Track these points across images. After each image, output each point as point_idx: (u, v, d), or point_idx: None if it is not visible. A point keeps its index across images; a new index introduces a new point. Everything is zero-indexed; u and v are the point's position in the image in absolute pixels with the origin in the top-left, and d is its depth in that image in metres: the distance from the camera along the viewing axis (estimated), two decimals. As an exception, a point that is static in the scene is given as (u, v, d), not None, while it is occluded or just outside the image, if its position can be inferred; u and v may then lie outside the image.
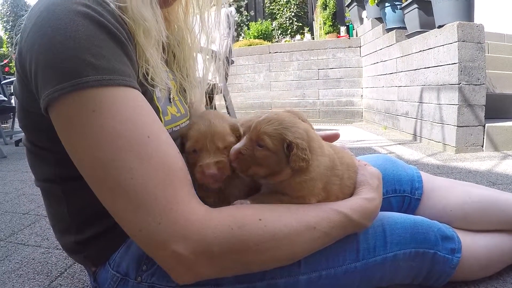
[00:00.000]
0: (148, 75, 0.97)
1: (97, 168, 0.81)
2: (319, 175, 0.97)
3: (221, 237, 0.82)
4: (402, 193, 1.38)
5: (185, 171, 0.89)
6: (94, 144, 0.80)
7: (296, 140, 0.91)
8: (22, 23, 0.92)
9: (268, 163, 0.91)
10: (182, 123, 1.19)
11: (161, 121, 1.03)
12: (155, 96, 1.03)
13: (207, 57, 1.31)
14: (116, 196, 0.81)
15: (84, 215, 1.03)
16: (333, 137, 1.18)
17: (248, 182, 1.04)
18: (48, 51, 0.80)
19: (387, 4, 5.93)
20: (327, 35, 9.33)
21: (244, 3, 12.38)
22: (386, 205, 1.34)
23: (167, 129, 1.06)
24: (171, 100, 1.15)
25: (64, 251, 1.32)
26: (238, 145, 0.93)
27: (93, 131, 0.80)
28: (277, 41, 10.72)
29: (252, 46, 9.24)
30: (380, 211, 1.11)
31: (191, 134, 0.97)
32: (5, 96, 6.98)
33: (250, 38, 10.64)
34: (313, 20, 11.12)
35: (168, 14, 1.24)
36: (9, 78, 8.01)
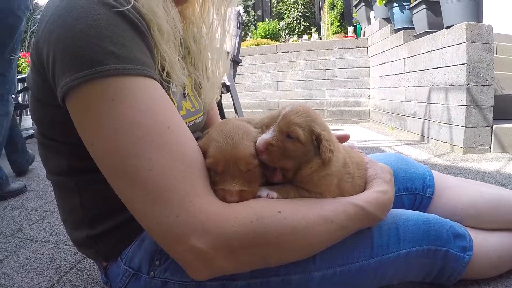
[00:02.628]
0: (164, 71, 0.96)
1: (115, 158, 0.80)
2: (337, 170, 0.97)
3: (241, 230, 0.81)
4: (414, 191, 1.38)
5: (203, 164, 0.88)
6: (113, 133, 0.79)
7: (322, 131, 0.90)
8: (36, 16, 0.92)
9: (297, 155, 0.89)
10: (196, 118, 1.19)
11: None
12: (170, 91, 1.02)
13: (221, 54, 1.30)
14: (134, 187, 0.80)
15: (97, 209, 1.03)
16: (343, 138, 1.18)
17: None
18: (67, 39, 0.79)
19: (395, 5, 5.92)
20: (335, 35, 9.33)
21: (252, 2, 12.38)
22: (398, 203, 1.34)
23: None
24: (186, 95, 1.15)
25: (73, 247, 1.32)
26: (267, 136, 0.89)
27: (112, 120, 0.79)
28: (284, 41, 10.71)
29: (259, 45, 9.24)
30: (392, 209, 1.11)
31: (212, 153, 0.88)
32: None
33: (258, 37, 10.64)
34: (321, 20, 11.10)
35: (183, 10, 1.24)
36: (17, 76, 8.02)
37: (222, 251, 0.80)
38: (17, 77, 7.41)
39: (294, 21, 11.78)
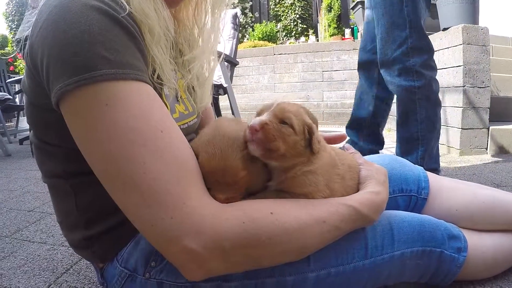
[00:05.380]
0: (154, 74, 0.97)
1: (109, 162, 0.81)
2: (321, 169, 0.97)
3: (233, 231, 0.82)
4: (409, 192, 1.38)
5: (197, 166, 0.88)
6: (107, 138, 0.80)
7: (312, 124, 0.91)
8: (30, 20, 0.92)
9: (289, 141, 0.89)
10: (190, 121, 1.19)
11: None
12: (163, 94, 1.03)
13: (213, 57, 1.31)
14: (128, 191, 0.80)
15: (93, 210, 1.03)
16: (339, 138, 1.18)
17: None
18: (61, 44, 0.80)
19: (392, 7, 5.93)
20: (332, 37, 9.36)
21: (249, 4, 12.39)
22: (393, 205, 1.34)
23: None
24: (179, 98, 1.16)
25: (70, 248, 1.32)
26: (263, 117, 0.89)
27: (105, 124, 0.79)
28: (281, 43, 10.73)
29: (256, 47, 9.25)
30: (387, 210, 1.11)
31: (202, 162, 0.90)
32: (9, 94, 7.00)
33: (255, 39, 10.65)
34: (318, 22, 11.13)
35: (177, 13, 1.24)
36: (14, 77, 8.03)
37: (215, 252, 0.81)
38: (14, 79, 7.45)
39: (292, 23, 11.79)
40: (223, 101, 5.06)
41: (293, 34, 11.67)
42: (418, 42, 2.39)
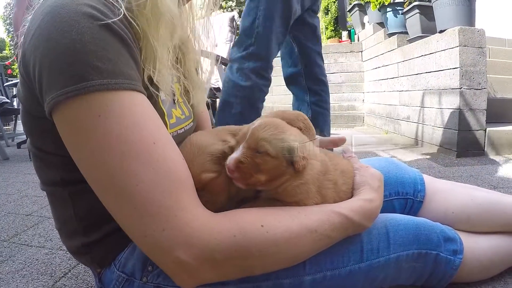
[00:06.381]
0: (153, 79, 0.96)
1: (102, 173, 0.81)
2: (312, 178, 0.97)
3: (224, 244, 0.82)
4: (405, 195, 1.38)
5: (189, 178, 0.89)
6: (100, 148, 0.79)
7: (294, 142, 0.91)
8: (25, 25, 0.92)
9: (268, 168, 0.90)
10: (186, 125, 1.19)
11: (166, 124, 1.03)
12: (159, 99, 1.02)
13: (211, 60, 1.31)
14: (121, 201, 0.81)
15: (91, 217, 1.03)
16: (339, 141, 1.19)
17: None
18: (53, 54, 0.79)
19: (388, 9, 5.96)
20: (329, 39, 9.35)
21: (246, 7, 12.36)
22: (389, 208, 1.35)
23: (172, 132, 1.07)
24: (175, 102, 1.16)
25: (68, 253, 1.32)
26: (236, 154, 0.90)
27: (98, 135, 0.79)
28: (279, 45, 10.71)
29: (254, 50, 9.23)
30: (383, 213, 1.12)
31: None
32: (7, 98, 6.99)
33: (252, 42, 10.63)
34: (315, 24, 11.11)
35: None
36: (12, 80, 8.02)
37: (205, 263, 0.82)
38: (12, 82, 7.43)
39: (289, 26, 11.77)
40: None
41: (290, 36, 11.66)
42: (258, 51, 2.71)
